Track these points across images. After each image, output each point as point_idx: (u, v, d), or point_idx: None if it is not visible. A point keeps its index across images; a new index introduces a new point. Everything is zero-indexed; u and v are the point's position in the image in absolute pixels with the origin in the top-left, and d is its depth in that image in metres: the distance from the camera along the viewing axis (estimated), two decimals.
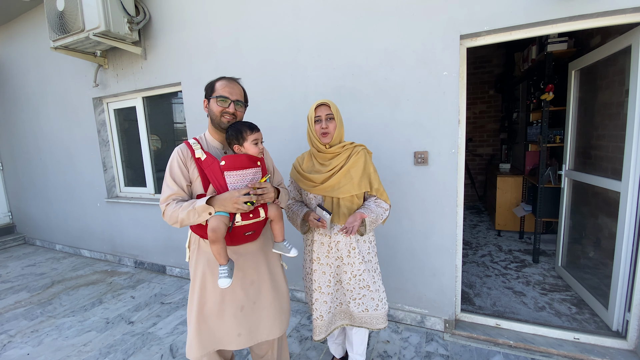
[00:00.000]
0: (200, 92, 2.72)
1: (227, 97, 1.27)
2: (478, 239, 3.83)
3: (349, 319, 1.59)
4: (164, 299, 2.78)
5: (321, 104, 1.45)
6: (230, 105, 1.28)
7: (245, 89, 1.40)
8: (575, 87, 2.50)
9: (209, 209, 1.15)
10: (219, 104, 1.28)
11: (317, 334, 1.53)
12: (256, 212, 1.24)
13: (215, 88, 1.30)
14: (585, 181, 2.30)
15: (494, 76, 5.23)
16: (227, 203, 1.15)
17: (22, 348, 2.17)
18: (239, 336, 1.34)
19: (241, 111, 1.34)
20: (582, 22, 1.65)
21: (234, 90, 1.30)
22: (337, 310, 1.58)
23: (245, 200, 1.15)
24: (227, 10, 2.48)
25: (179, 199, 1.24)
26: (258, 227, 1.31)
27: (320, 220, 1.41)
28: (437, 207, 2.02)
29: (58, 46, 2.89)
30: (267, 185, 1.22)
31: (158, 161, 3.40)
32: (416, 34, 1.92)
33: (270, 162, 1.50)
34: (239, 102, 1.31)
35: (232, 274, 1.20)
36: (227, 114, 1.28)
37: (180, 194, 1.24)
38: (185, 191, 1.26)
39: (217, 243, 1.17)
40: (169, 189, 1.24)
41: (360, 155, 1.48)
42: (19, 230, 4.81)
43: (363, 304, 1.53)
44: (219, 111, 1.28)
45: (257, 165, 1.26)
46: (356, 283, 1.51)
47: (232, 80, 1.33)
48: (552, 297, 2.42)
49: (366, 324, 1.55)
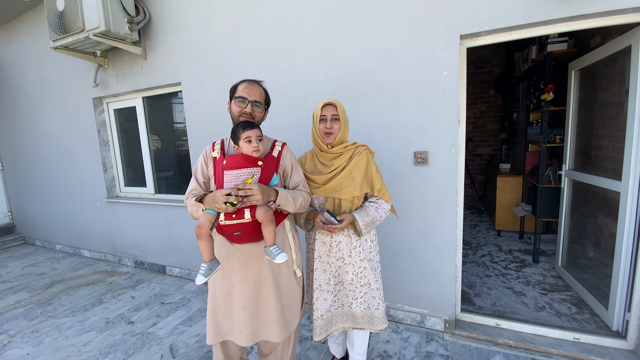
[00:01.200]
0: (200, 92, 2.76)
1: (245, 97, 1.32)
2: (478, 239, 3.83)
3: (351, 321, 1.57)
4: (164, 299, 2.78)
5: (328, 104, 1.45)
6: (247, 106, 1.32)
7: (267, 91, 1.43)
8: (575, 87, 2.50)
9: (201, 206, 1.26)
10: (237, 104, 1.33)
11: (317, 334, 1.52)
12: (240, 213, 1.22)
13: (237, 89, 1.35)
14: (585, 181, 2.30)
15: (494, 76, 5.23)
16: (211, 201, 1.21)
17: (22, 348, 2.17)
18: (241, 333, 1.36)
19: (259, 112, 1.37)
20: (582, 22, 1.65)
21: (252, 92, 1.34)
22: (339, 312, 1.57)
23: (224, 200, 1.15)
24: (227, 10, 2.48)
25: (196, 193, 1.35)
26: (246, 228, 1.28)
27: (326, 225, 1.41)
28: (437, 207, 2.02)
29: (58, 46, 2.89)
30: (252, 187, 1.20)
31: (158, 161, 3.40)
32: (416, 33, 1.92)
33: (289, 162, 1.43)
34: (257, 103, 1.34)
35: (210, 274, 1.26)
36: (244, 115, 1.32)
37: (199, 189, 1.38)
38: (203, 187, 1.38)
39: (201, 239, 1.24)
40: (191, 184, 1.40)
41: (362, 155, 1.48)
42: (19, 230, 4.81)
43: (365, 302, 1.53)
44: (237, 112, 1.33)
45: (257, 165, 1.26)
46: (358, 281, 1.51)
47: (254, 82, 1.38)
48: (552, 297, 2.42)
49: (368, 325, 1.55)
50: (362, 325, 1.55)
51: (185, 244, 3.14)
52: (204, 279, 1.23)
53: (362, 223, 1.44)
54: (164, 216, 3.20)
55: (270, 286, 1.39)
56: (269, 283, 1.39)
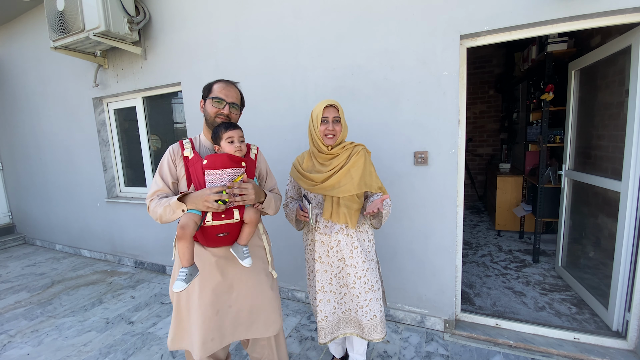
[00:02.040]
0: (200, 92, 2.74)
1: (222, 99, 1.29)
2: (478, 239, 3.83)
3: (358, 328, 1.55)
4: (164, 299, 2.78)
5: (330, 105, 1.44)
6: (225, 107, 1.29)
7: (242, 93, 1.41)
8: (575, 87, 2.50)
9: (181, 206, 1.17)
10: (214, 105, 1.29)
11: (322, 336, 1.51)
12: (230, 213, 1.20)
13: (213, 89, 1.32)
14: (585, 181, 2.30)
15: (494, 76, 5.23)
16: (198, 201, 1.15)
17: (22, 348, 2.17)
18: (212, 341, 1.31)
19: (236, 114, 1.35)
20: (582, 22, 1.65)
21: (230, 93, 1.32)
22: (346, 316, 1.55)
23: (216, 198, 1.13)
24: (227, 10, 2.48)
25: (163, 195, 1.27)
26: (232, 229, 1.25)
27: (303, 210, 1.41)
28: (437, 207, 2.02)
29: (58, 46, 2.89)
30: (248, 186, 1.18)
31: (158, 161, 3.37)
32: (416, 34, 1.92)
33: (264, 166, 1.47)
34: (234, 105, 1.33)
35: (191, 279, 1.17)
36: (221, 116, 1.29)
37: (165, 190, 1.28)
38: (171, 188, 1.29)
39: (184, 241, 1.16)
40: (156, 185, 1.28)
41: (360, 155, 1.48)
42: (19, 230, 4.81)
43: (371, 311, 1.50)
44: (213, 112, 1.29)
45: (241, 166, 1.24)
46: (361, 286, 1.48)
47: (230, 83, 1.35)
48: (552, 297, 2.42)
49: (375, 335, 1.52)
50: (369, 336, 1.52)
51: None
52: (184, 285, 1.14)
53: (384, 211, 1.40)
54: None
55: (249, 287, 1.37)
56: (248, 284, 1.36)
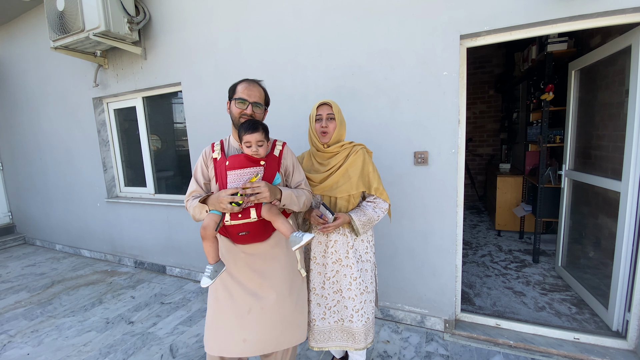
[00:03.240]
0: (200, 92, 2.75)
1: (245, 99, 1.30)
2: (478, 239, 3.83)
3: (351, 340, 1.51)
4: (164, 299, 2.78)
5: (323, 104, 1.47)
6: (248, 108, 1.31)
7: (267, 90, 1.41)
8: (575, 87, 2.50)
9: (205, 207, 1.24)
10: (237, 106, 1.31)
11: (312, 339, 1.52)
12: (246, 213, 1.21)
13: (237, 90, 1.34)
14: (585, 181, 2.30)
15: (494, 76, 5.23)
16: (215, 202, 1.19)
17: (22, 348, 2.17)
18: (244, 342, 1.31)
19: (259, 113, 1.36)
20: (582, 22, 1.65)
21: (252, 92, 1.33)
22: (338, 327, 1.52)
23: (229, 200, 1.15)
24: (227, 10, 2.48)
25: (197, 195, 1.34)
26: (252, 228, 1.26)
27: (322, 217, 1.40)
28: (437, 207, 2.02)
29: (58, 46, 2.89)
30: (259, 185, 1.17)
31: (158, 161, 3.40)
32: (416, 33, 1.92)
33: (290, 161, 1.43)
34: (257, 104, 1.33)
35: (216, 276, 1.24)
36: (245, 116, 1.31)
37: (199, 191, 1.36)
38: (204, 189, 1.37)
39: (206, 240, 1.23)
40: (191, 186, 1.38)
41: (358, 154, 1.48)
42: (19, 230, 4.81)
43: (365, 314, 1.49)
44: (237, 113, 1.31)
45: (260, 164, 1.25)
46: (357, 288, 1.47)
47: (253, 82, 1.36)
48: (552, 297, 2.42)
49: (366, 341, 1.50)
50: (359, 344, 1.49)
51: (185, 244, 3.14)
52: (210, 281, 1.22)
53: (358, 222, 1.43)
54: (164, 216, 3.20)
55: (277, 287, 1.36)
56: (276, 283, 1.36)
